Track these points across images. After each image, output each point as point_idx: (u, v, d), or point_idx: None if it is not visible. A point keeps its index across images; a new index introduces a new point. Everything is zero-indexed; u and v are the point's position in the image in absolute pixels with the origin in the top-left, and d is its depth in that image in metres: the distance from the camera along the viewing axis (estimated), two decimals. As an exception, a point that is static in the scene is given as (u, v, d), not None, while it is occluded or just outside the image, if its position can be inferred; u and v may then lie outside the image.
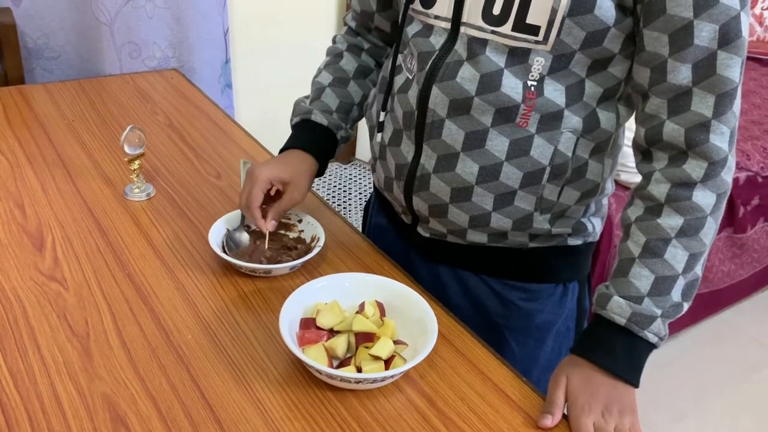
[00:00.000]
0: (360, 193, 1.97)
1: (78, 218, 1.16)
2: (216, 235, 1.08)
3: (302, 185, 1.07)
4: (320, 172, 1.14)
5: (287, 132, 1.13)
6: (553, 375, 0.89)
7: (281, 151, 1.12)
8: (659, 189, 0.86)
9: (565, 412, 0.86)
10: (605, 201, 1.08)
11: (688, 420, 2.13)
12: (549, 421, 0.84)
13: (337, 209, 1.50)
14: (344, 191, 1.98)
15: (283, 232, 1.12)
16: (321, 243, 1.07)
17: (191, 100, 1.67)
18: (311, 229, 1.11)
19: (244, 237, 1.10)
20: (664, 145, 0.86)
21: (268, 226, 1.05)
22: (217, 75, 2.02)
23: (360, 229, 1.21)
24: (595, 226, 1.06)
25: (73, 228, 1.13)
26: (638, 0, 0.82)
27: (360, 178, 2.06)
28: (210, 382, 0.86)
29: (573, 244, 1.04)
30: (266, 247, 1.07)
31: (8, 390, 0.83)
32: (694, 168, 0.84)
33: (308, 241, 1.10)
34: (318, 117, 1.11)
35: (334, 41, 1.19)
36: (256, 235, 1.11)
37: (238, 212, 1.12)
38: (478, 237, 1.00)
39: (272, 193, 1.07)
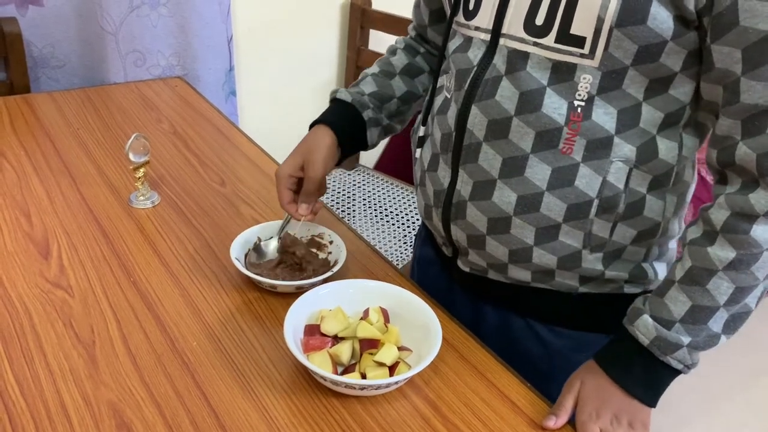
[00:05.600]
0: (364, 200, 1.97)
1: (83, 226, 1.17)
2: (243, 241, 1.07)
3: (316, 160, 1.01)
4: (347, 150, 1.07)
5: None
6: (569, 379, 0.88)
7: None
8: (718, 215, 0.78)
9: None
10: (672, 244, 0.95)
11: (696, 425, 2.12)
12: (551, 423, 0.83)
13: (341, 215, 1.50)
14: (348, 197, 1.98)
15: (314, 251, 1.10)
16: (335, 269, 1.04)
17: (195, 107, 1.67)
18: (337, 252, 1.08)
19: (271, 248, 1.09)
20: (737, 168, 0.77)
21: (301, 211, 1.03)
22: (221, 82, 2.03)
23: (364, 235, 1.21)
24: (658, 272, 0.94)
25: (78, 236, 1.14)
26: (704, 12, 0.73)
27: (364, 185, 2.06)
28: (215, 388, 0.87)
29: (630, 292, 0.93)
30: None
31: (14, 397, 0.83)
32: (759, 199, 0.75)
33: (331, 264, 1.07)
34: (343, 94, 1.08)
35: (395, 42, 1.18)
36: (286, 248, 1.09)
37: (276, 223, 1.11)
38: (521, 274, 0.93)
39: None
